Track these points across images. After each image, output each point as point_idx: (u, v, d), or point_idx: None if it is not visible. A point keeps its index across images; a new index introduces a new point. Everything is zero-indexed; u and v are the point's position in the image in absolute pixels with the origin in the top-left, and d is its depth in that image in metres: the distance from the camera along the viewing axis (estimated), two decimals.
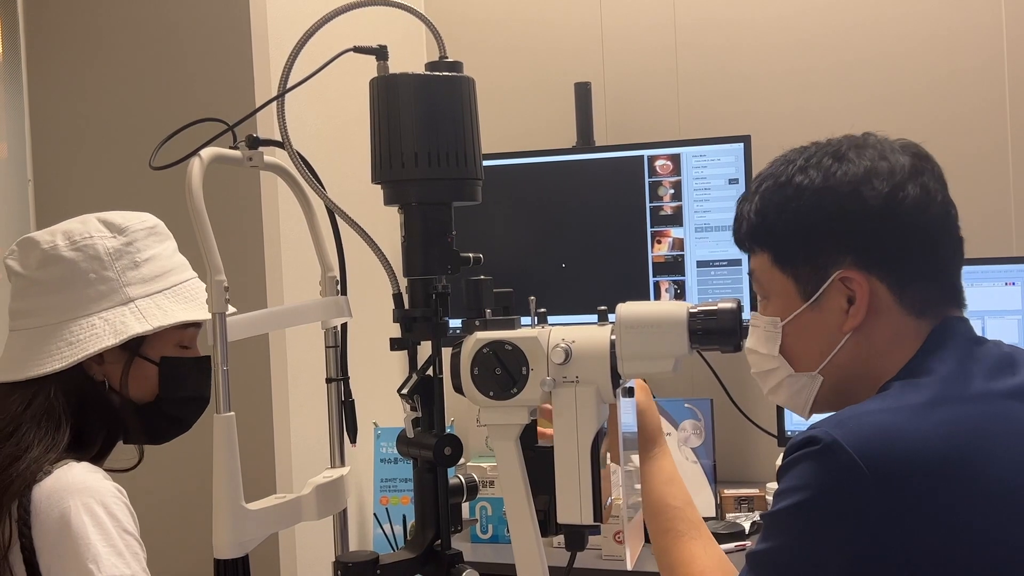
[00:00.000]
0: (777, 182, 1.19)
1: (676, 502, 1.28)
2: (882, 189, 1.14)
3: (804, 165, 1.18)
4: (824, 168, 1.16)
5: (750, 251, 1.24)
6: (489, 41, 2.84)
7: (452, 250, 1.17)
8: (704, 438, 2.44)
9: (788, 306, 1.19)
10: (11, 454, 1.33)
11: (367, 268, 1.28)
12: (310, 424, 2.16)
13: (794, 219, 1.17)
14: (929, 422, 1.05)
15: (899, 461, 1.02)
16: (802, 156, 1.19)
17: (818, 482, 1.03)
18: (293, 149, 1.17)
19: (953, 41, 2.49)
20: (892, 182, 1.14)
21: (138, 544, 1.32)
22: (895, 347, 1.16)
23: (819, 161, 1.17)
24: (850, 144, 1.19)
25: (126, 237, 1.45)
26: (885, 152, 1.17)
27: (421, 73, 1.15)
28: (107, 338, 1.40)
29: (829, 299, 1.16)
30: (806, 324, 1.18)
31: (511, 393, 1.12)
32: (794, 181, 1.17)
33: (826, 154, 1.18)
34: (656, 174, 2.52)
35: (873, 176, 1.14)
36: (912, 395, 1.09)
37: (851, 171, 1.15)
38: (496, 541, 2.33)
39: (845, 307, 1.15)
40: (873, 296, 1.14)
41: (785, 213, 1.17)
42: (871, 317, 1.15)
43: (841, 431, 1.04)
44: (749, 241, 1.23)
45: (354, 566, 1.13)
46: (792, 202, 1.17)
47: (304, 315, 1.29)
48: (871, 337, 1.16)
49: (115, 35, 2.23)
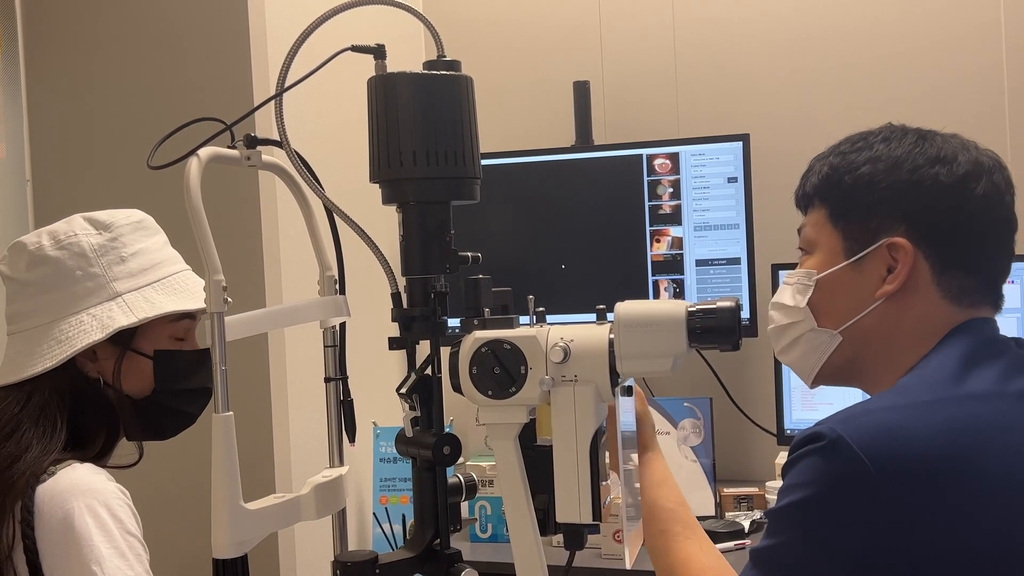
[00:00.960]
0: (855, 146, 1.22)
1: (669, 503, 1.28)
2: (958, 172, 1.17)
3: (888, 136, 1.21)
4: (908, 143, 1.20)
5: (809, 205, 1.25)
6: (487, 40, 2.84)
7: (451, 249, 1.17)
8: (703, 437, 2.44)
9: (829, 261, 1.21)
10: (11, 454, 1.33)
11: (365, 267, 1.28)
12: (309, 424, 2.16)
13: (864, 178, 1.19)
14: (934, 420, 1.05)
15: (904, 458, 1.02)
16: (887, 130, 1.23)
17: (823, 478, 1.03)
18: (291, 148, 1.17)
19: (952, 41, 2.49)
20: (968, 169, 1.17)
21: (141, 546, 1.32)
22: (921, 329, 1.17)
23: (903, 136, 1.21)
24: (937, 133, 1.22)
25: (111, 233, 1.45)
26: (968, 146, 1.21)
27: (419, 72, 1.14)
28: (94, 333, 1.40)
29: (871, 262, 1.18)
30: (842, 281, 1.20)
31: (510, 392, 1.12)
32: (874, 147, 1.20)
33: (912, 132, 1.22)
34: (655, 173, 2.52)
35: (952, 159, 1.17)
36: (919, 392, 1.09)
37: (932, 151, 1.18)
38: (495, 540, 2.33)
39: (884, 274, 1.17)
40: (914, 270, 1.16)
41: (856, 171, 1.20)
42: (906, 290, 1.17)
43: (846, 427, 1.04)
44: (812, 192, 1.24)
45: (353, 565, 1.13)
46: (868, 164, 1.19)
47: (303, 314, 1.29)
48: (900, 311, 1.17)
49: (113, 35, 2.23)
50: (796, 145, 2.61)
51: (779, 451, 2.45)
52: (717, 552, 1.26)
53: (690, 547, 1.24)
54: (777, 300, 1.26)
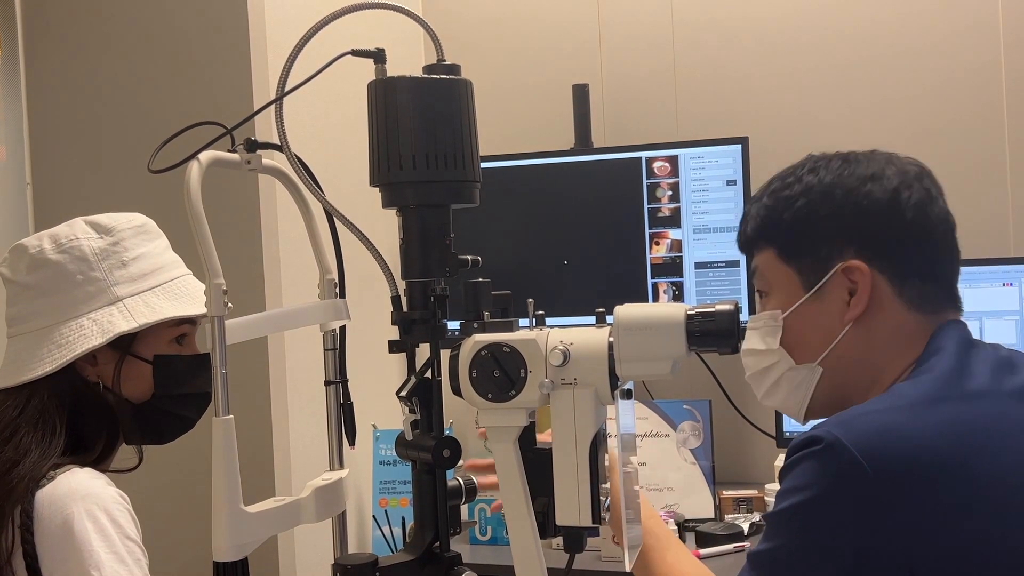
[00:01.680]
0: (785, 182, 1.25)
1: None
2: (888, 185, 1.19)
3: (814, 167, 1.24)
4: (833, 169, 1.22)
5: (755, 248, 1.28)
6: (487, 43, 2.84)
7: (450, 252, 1.17)
8: (703, 439, 2.44)
9: (790, 298, 1.23)
10: (10, 459, 1.33)
11: (365, 271, 1.28)
12: (309, 427, 2.16)
13: (802, 211, 1.21)
14: (931, 420, 1.05)
15: (901, 460, 1.02)
16: (811, 160, 1.25)
17: (820, 481, 1.04)
18: (291, 152, 1.17)
19: (951, 42, 2.49)
20: (898, 181, 1.19)
21: (140, 551, 1.32)
22: (895, 343, 1.18)
23: (828, 163, 1.23)
24: (859, 152, 1.24)
25: (112, 237, 1.45)
26: (892, 159, 1.23)
27: (419, 76, 1.15)
28: (94, 338, 1.40)
29: (831, 290, 1.20)
30: (808, 315, 1.21)
31: (509, 395, 1.12)
32: (803, 179, 1.23)
33: (835, 158, 1.24)
34: (654, 176, 2.52)
35: (880, 176, 1.20)
36: (914, 394, 1.10)
37: (859, 171, 1.21)
38: (495, 543, 2.33)
39: (846, 298, 1.19)
40: (874, 288, 1.18)
41: (793, 206, 1.22)
42: (872, 309, 1.18)
43: (843, 430, 1.04)
44: (755, 237, 1.27)
45: (353, 568, 1.13)
46: (800, 197, 1.22)
47: (303, 318, 1.29)
48: (871, 330, 1.19)
49: (114, 38, 2.23)
50: (795, 147, 2.59)
51: (778, 453, 2.45)
52: (695, 560, 1.30)
53: (668, 558, 1.27)
54: (748, 347, 1.28)
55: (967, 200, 2.55)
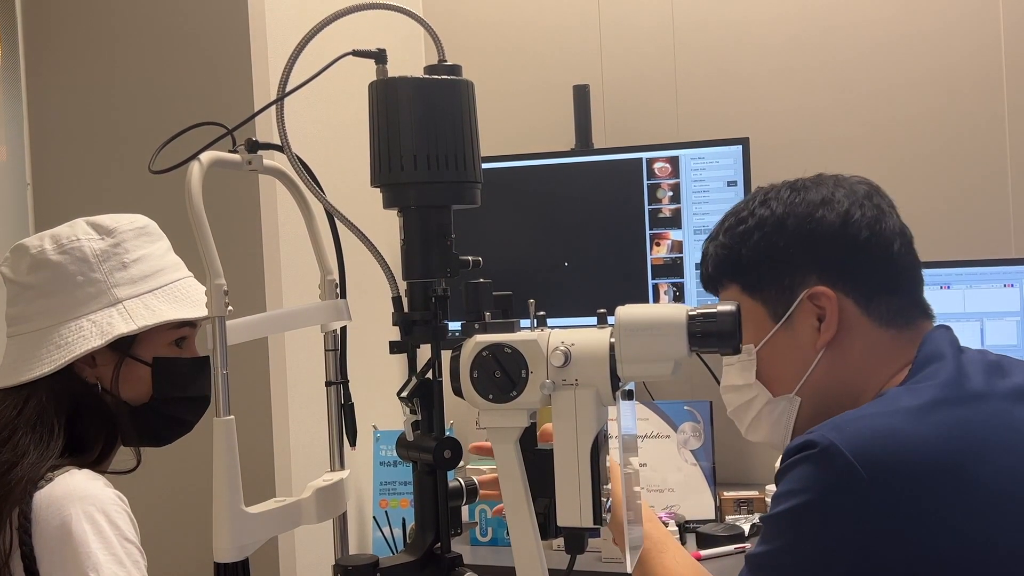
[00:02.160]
0: (739, 217, 1.27)
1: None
2: (839, 209, 1.21)
3: (764, 199, 1.26)
4: (783, 199, 1.25)
5: (719, 285, 1.30)
6: (488, 44, 2.84)
7: (451, 253, 1.17)
8: (703, 440, 2.44)
9: (760, 331, 1.24)
10: (8, 460, 1.33)
11: (366, 271, 1.28)
12: (309, 427, 2.16)
13: (759, 245, 1.24)
14: (926, 424, 1.06)
15: (896, 463, 1.03)
16: (761, 193, 1.28)
17: (815, 485, 1.04)
18: (292, 153, 1.17)
19: (951, 42, 2.49)
20: (848, 202, 1.22)
21: (139, 552, 1.31)
22: (872, 360, 1.19)
23: (778, 194, 1.26)
24: (806, 180, 1.27)
25: (114, 238, 1.45)
26: (840, 182, 1.26)
27: (420, 76, 1.15)
28: (93, 339, 1.39)
29: (800, 318, 1.22)
30: (780, 346, 1.23)
31: (510, 396, 1.12)
32: (756, 213, 1.25)
33: (785, 188, 1.26)
34: (655, 176, 2.52)
35: (831, 199, 1.23)
36: (909, 399, 1.10)
37: (809, 197, 1.23)
38: (496, 544, 2.33)
39: (816, 325, 1.21)
40: (842, 311, 1.20)
41: (749, 241, 1.25)
42: (843, 332, 1.20)
43: (838, 434, 1.05)
44: (717, 275, 1.30)
45: (354, 569, 1.13)
46: (756, 231, 1.24)
47: (303, 318, 1.29)
48: (845, 352, 1.20)
49: (114, 39, 2.23)
50: (796, 148, 2.62)
51: (778, 455, 2.44)
52: (693, 561, 1.30)
53: (665, 560, 1.28)
54: (726, 383, 1.30)
55: (968, 201, 2.56)
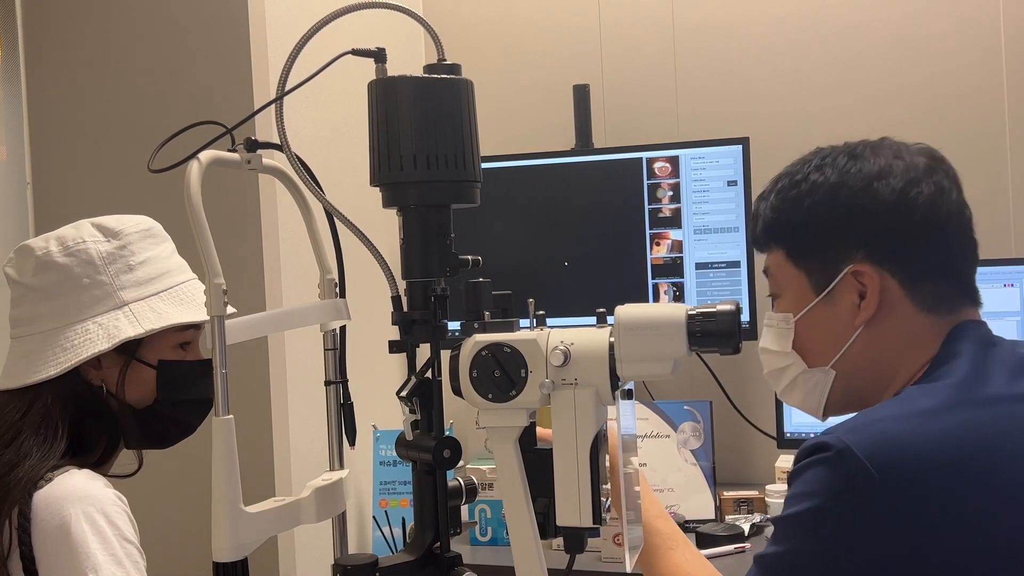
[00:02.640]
0: (793, 180, 1.22)
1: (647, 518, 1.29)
2: (895, 185, 1.16)
3: (820, 164, 1.21)
4: (839, 166, 1.19)
5: (766, 248, 1.26)
6: (487, 44, 2.84)
7: (451, 252, 1.17)
8: (703, 440, 2.44)
9: (801, 301, 1.22)
10: (10, 461, 1.33)
11: (366, 271, 1.28)
12: (308, 427, 2.16)
13: (808, 214, 1.20)
14: (941, 427, 1.04)
15: (911, 467, 1.01)
16: (818, 156, 1.23)
17: (829, 488, 1.03)
18: (291, 152, 1.17)
19: (951, 43, 2.49)
20: (906, 178, 1.17)
21: (138, 552, 1.31)
22: (908, 345, 1.17)
23: (834, 160, 1.20)
24: (867, 145, 1.22)
25: (120, 240, 1.45)
26: (901, 152, 1.20)
27: (420, 76, 1.14)
28: (100, 342, 1.39)
29: (841, 293, 1.18)
30: (819, 318, 1.20)
31: (510, 395, 1.12)
32: (809, 178, 1.20)
33: (842, 153, 1.21)
34: (655, 176, 2.52)
35: (887, 173, 1.17)
36: (925, 400, 1.08)
37: (865, 168, 1.18)
38: (495, 544, 2.33)
39: (857, 301, 1.17)
40: (884, 291, 1.16)
41: (800, 209, 1.20)
42: (883, 312, 1.16)
43: (853, 437, 1.03)
44: (764, 237, 1.25)
45: (353, 569, 1.13)
46: (807, 198, 1.20)
47: (303, 318, 1.29)
48: (883, 333, 1.17)
49: (114, 38, 2.23)
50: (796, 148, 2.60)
51: (779, 454, 2.45)
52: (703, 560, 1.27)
53: (674, 557, 1.25)
54: (764, 345, 1.28)
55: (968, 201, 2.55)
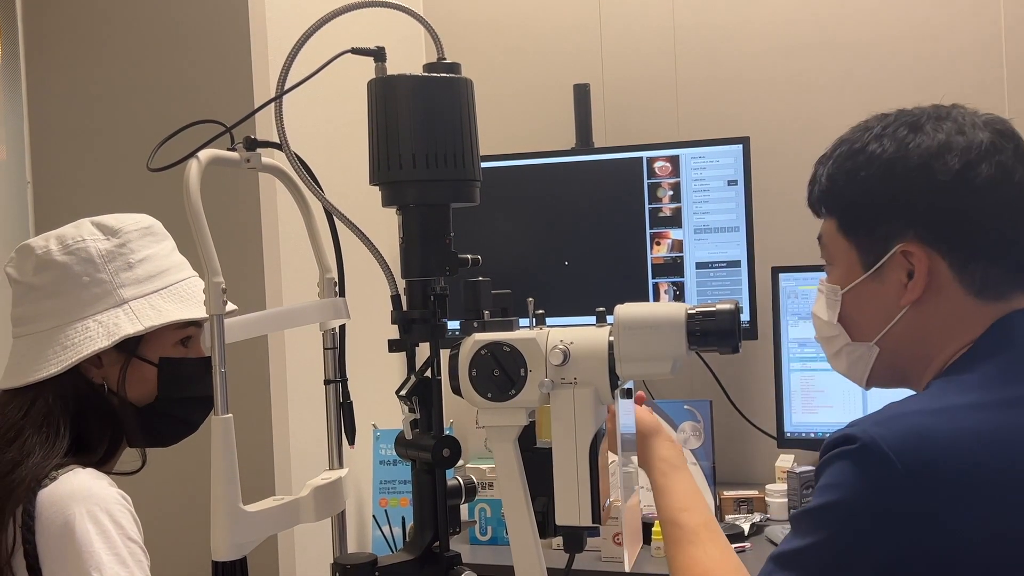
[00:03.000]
0: (852, 148, 1.18)
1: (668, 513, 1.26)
2: (953, 165, 1.11)
3: (880, 133, 1.17)
4: (899, 138, 1.15)
5: (820, 214, 1.23)
6: (487, 43, 2.84)
7: (450, 251, 1.17)
8: (703, 440, 2.44)
9: (849, 274, 1.19)
10: (12, 460, 1.33)
11: (365, 270, 1.28)
12: (308, 426, 2.16)
13: (862, 187, 1.16)
14: (970, 425, 1.02)
15: (937, 463, 0.99)
16: (880, 124, 1.18)
17: (854, 482, 1.01)
18: (291, 151, 1.17)
19: (952, 41, 2.49)
20: (966, 159, 1.12)
21: (142, 551, 1.31)
22: (952, 328, 1.14)
23: (895, 131, 1.16)
24: (931, 115, 1.17)
25: (119, 239, 1.45)
26: (964, 127, 1.14)
27: (419, 75, 1.15)
28: (100, 340, 1.39)
29: (889, 271, 1.15)
30: (865, 294, 1.18)
31: (509, 395, 1.12)
32: (868, 149, 1.16)
33: (903, 124, 1.16)
34: (655, 176, 2.52)
35: (946, 151, 1.12)
36: (955, 395, 1.07)
37: (924, 143, 1.13)
38: (495, 543, 2.33)
39: (904, 281, 1.14)
40: (933, 273, 1.13)
41: (854, 180, 1.17)
42: (930, 294, 1.13)
43: (879, 430, 1.01)
44: (819, 204, 1.22)
45: (352, 568, 1.13)
46: (862, 170, 1.16)
47: (302, 317, 1.29)
48: (928, 314, 1.14)
49: (114, 37, 2.23)
50: (796, 148, 2.61)
51: (779, 454, 2.45)
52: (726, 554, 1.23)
53: (693, 551, 1.22)
54: (815, 312, 1.25)
55: None
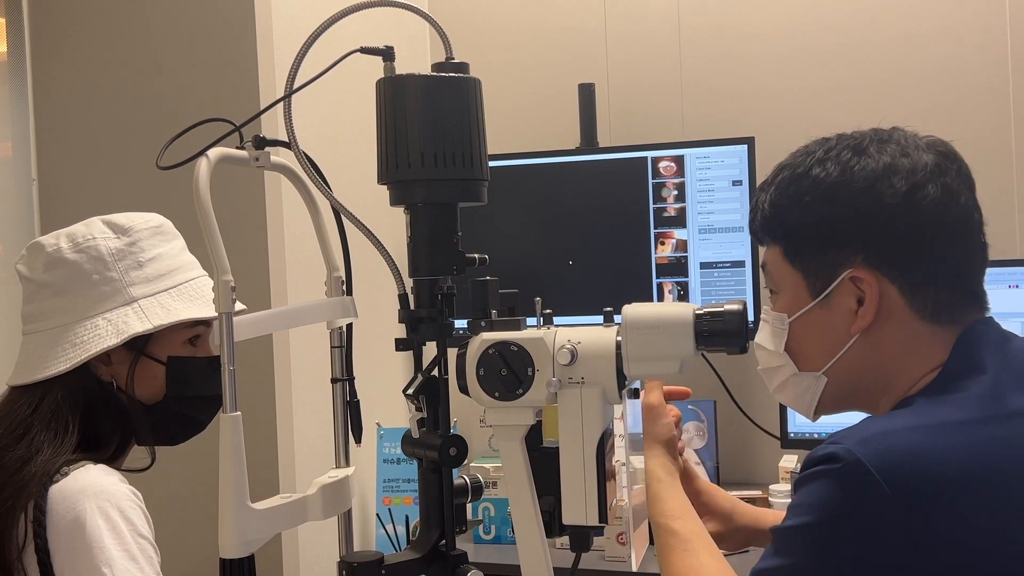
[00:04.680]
0: (794, 173, 1.15)
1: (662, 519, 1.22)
2: (900, 187, 1.09)
3: (823, 157, 1.14)
4: (842, 162, 1.12)
5: (763, 242, 1.20)
6: (493, 42, 2.84)
7: (458, 251, 1.17)
8: (707, 440, 2.44)
9: (796, 303, 1.16)
10: (22, 456, 1.33)
11: (373, 268, 1.28)
12: (313, 424, 2.16)
13: (807, 213, 1.13)
14: (956, 442, 1.00)
15: (924, 484, 0.97)
16: (822, 148, 1.15)
17: (838, 502, 0.99)
18: (300, 149, 1.17)
19: (957, 44, 2.49)
20: (912, 181, 1.10)
21: (152, 548, 1.32)
22: (908, 353, 1.11)
23: (838, 154, 1.13)
24: (872, 138, 1.14)
25: (129, 237, 1.45)
26: (908, 149, 1.12)
27: (428, 74, 1.15)
28: (109, 338, 1.40)
29: (838, 298, 1.12)
30: (814, 322, 1.15)
31: (517, 394, 1.12)
32: (811, 173, 1.13)
33: (846, 147, 1.14)
34: (660, 175, 2.52)
35: (892, 173, 1.10)
36: (941, 413, 1.04)
37: (869, 166, 1.11)
38: (499, 542, 2.33)
39: (854, 307, 1.11)
40: (883, 298, 1.10)
41: (798, 206, 1.14)
42: (881, 320, 1.11)
43: (864, 450, 0.99)
44: (762, 232, 1.19)
45: (359, 566, 1.13)
46: (806, 195, 1.13)
47: (310, 315, 1.29)
48: (881, 341, 1.11)
49: (120, 35, 2.23)
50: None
51: (783, 454, 2.45)
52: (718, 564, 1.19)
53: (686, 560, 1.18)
54: (759, 342, 1.22)
55: None
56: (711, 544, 1.20)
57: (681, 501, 1.24)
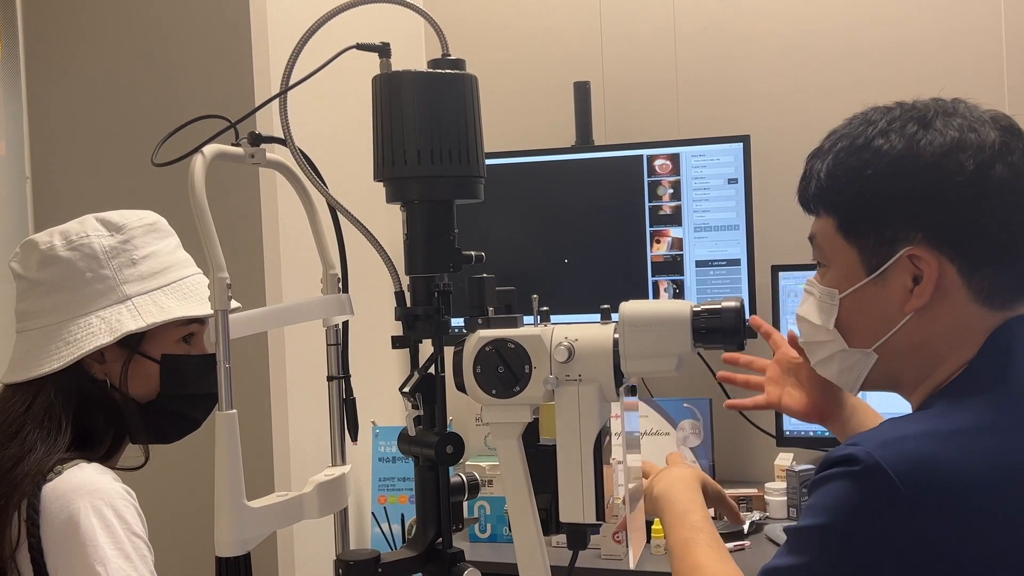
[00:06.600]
0: (854, 143, 1.11)
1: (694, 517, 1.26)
2: (968, 165, 1.05)
3: (886, 128, 1.09)
4: (908, 135, 1.08)
5: (815, 212, 1.16)
6: (489, 41, 2.84)
7: (454, 248, 1.16)
8: (703, 438, 2.44)
9: (849, 278, 1.12)
10: (15, 455, 1.33)
11: (369, 266, 1.28)
12: (308, 422, 2.16)
13: (868, 187, 1.09)
14: (975, 448, 0.99)
15: (942, 490, 0.96)
16: (885, 118, 1.11)
17: (855, 504, 0.98)
18: (295, 146, 1.17)
19: (952, 42, 2.49)
20: (980, 158, 1.06)
21: (146, 547, 1.31)
22: (955, 335, 1.09)
23: (903, 126, 1.09)
24: (938, 111, 1.10)
25: (123, 235, 1.45)
26: (974, 123, 1.08)
27: (424, 71, 1.14)
28: (102, 336, 1.39)
29: (894, 276, 1.09)
30: (866, 299, 1.11)
31: (514, 391, 1.12)
32: (873, 145, 1.09)
33: (911, 119, 1.09)
34: (655, 174, 2.52)
35: (959, 149, 1.06)
36: (962, 417, 1.02)
37: (936, 141, 1.07)
38: (495, 540, 2.33)
39: (910, 286, 1.08)
40: (941, 278, 1.07)
41: (858, 179, 1.09)
42: (936, 300, 1.07)
43: (884, 453, 0.97)
44: (815, 202, 1.15)
45: (355, 564, 1.13)
46: (868, 168, 1.09)
47: (306, 313, 1.29)
48: (932, 321, 1.09)
49: (114, 32, 2.23)
50: (796, 146, 2.59)
51: (778, 452, 2.45)
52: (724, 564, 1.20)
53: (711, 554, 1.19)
54: (803, 315, 1.18)
55: None
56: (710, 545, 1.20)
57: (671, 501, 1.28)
